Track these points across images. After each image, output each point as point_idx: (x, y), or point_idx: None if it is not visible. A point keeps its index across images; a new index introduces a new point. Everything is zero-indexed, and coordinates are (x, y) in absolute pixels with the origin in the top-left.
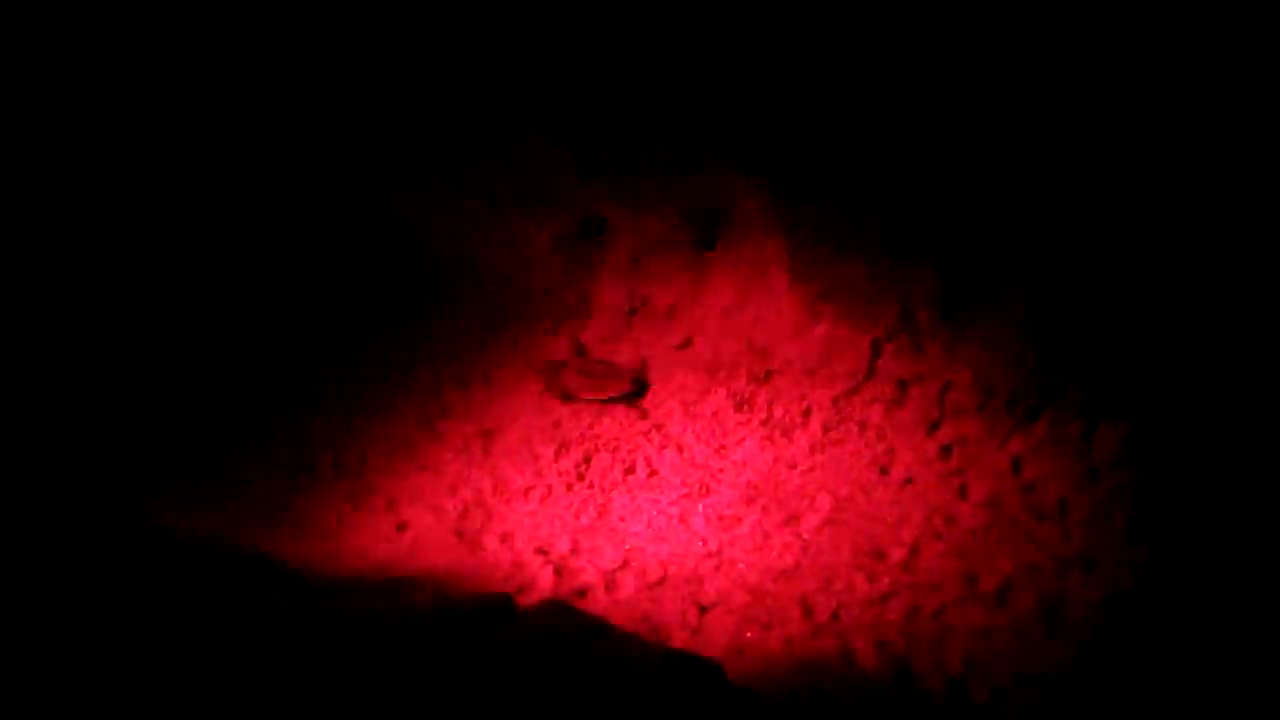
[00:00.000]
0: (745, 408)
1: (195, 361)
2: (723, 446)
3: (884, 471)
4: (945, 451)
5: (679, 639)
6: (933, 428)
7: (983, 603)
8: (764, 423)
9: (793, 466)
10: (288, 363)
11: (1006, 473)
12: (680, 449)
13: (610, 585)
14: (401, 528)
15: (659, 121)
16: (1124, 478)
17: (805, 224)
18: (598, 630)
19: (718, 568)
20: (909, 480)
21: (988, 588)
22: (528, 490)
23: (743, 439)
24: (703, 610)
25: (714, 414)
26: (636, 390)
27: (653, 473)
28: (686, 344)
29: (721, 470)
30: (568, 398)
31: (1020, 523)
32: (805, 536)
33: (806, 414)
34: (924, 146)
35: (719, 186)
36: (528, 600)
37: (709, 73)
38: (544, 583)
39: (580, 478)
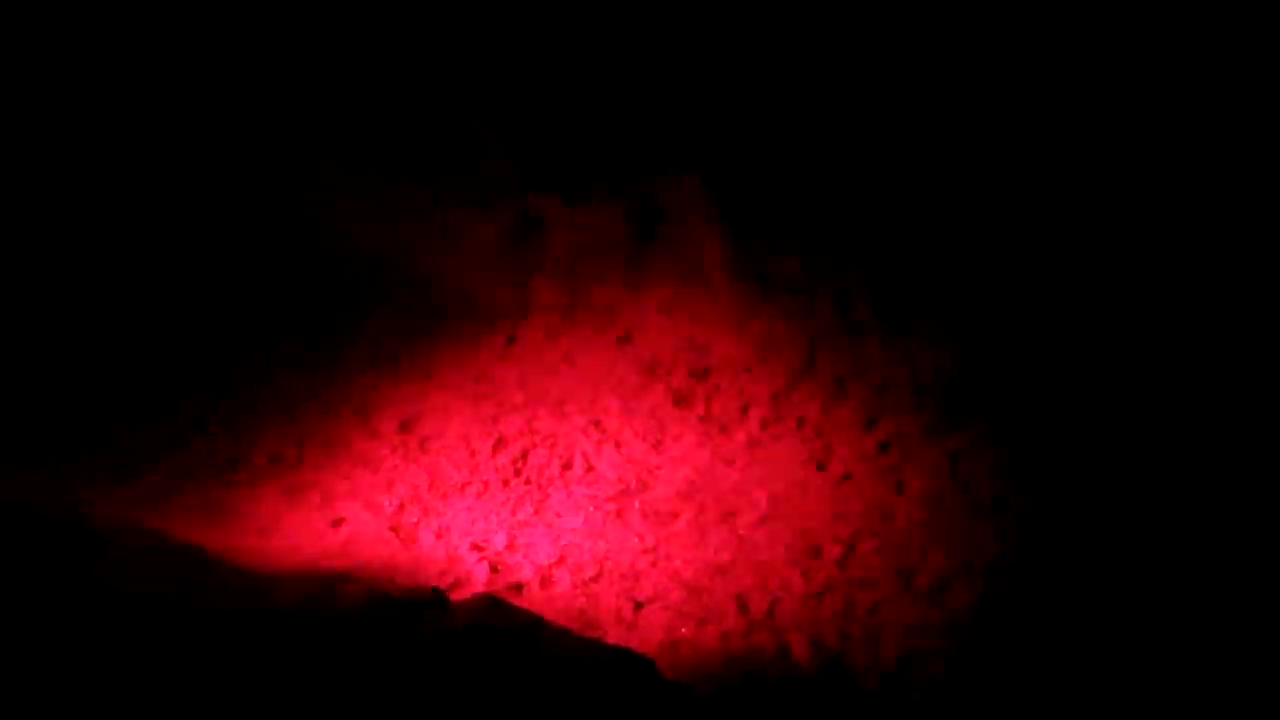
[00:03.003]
0: (684, 404)
1: (128, 358)
2: (660, 443)
3: (821, 467)
4: (883, 448)
5: (614, 634)
6: (870, 424)
7: (918, 599)
8: (702, 419)
9: (731, 463)
10: (224, 358)
11: (943, 469)
12: (618, 445)
13: (546, 581)
14: (337, 523)
15: (598, 120)
16: (1060, 474)
17: (743, 222)
18: (529, 625)
19: (654, 564)
20: (846, 476)
21: (923, 584)
22: (464, 486)
23: (681, 435)
24: (638, 606)
25: (652, 409)
26: None
27: (590, 469)
28: (625, 340)
29: (659, 466)
30: None
31: (957, 519)
32: (742, 533)
33: (745, 410)
34: (860, 145)
35: (657, 184)
36: (462, 596)
37: (648, 71)
38: (479, 578)
39: (517, 473)
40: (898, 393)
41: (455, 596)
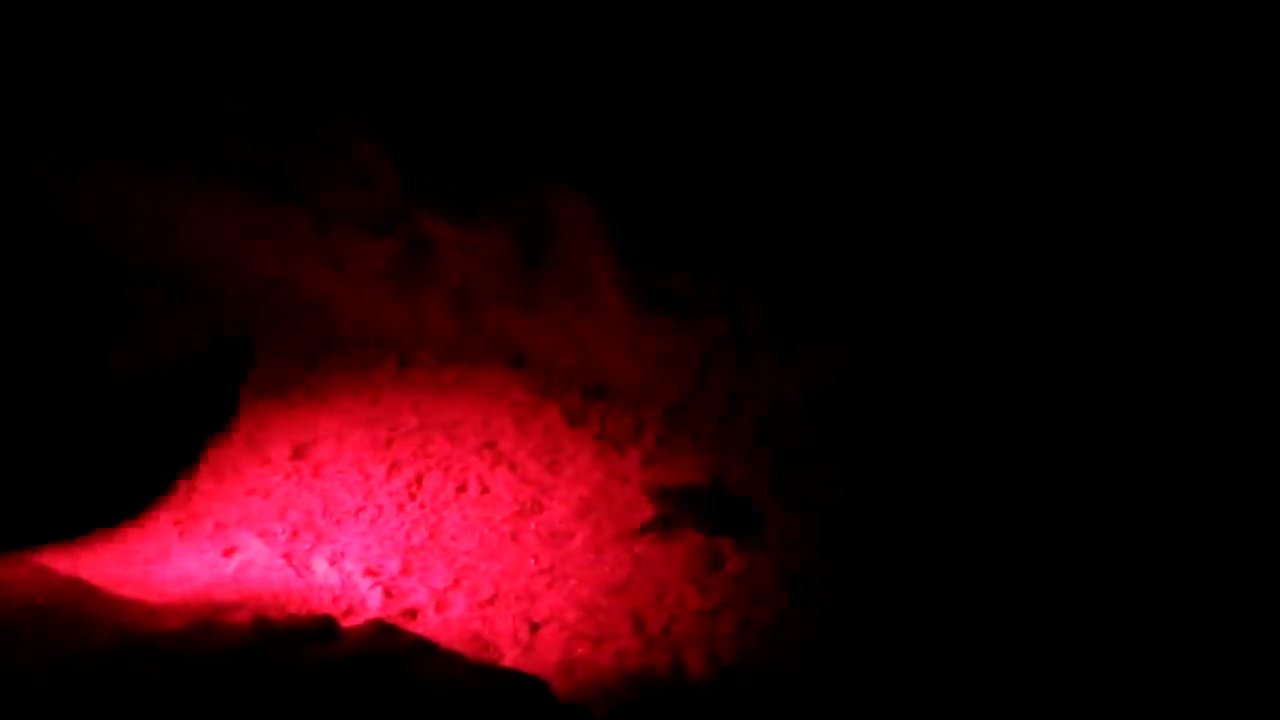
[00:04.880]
0: (578, 424)
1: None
2: (555, 463)
3: (717, 484)
4: (777, 463)
5: (510, 657)
6: (764, 440)
7: (814, 612)
8: (597, 438)
9: (626, 481)
10: (108, 385)
11: (837, 483)
12: (513, 466)
13: (441, 605)
14: (228, 552)
15: (486, 139)
16: (959, 487)
17: (632, 241)
18: (421, 649)
19: (550, 584)
20: (742, 492)
21: (818, 598)
22: (358, 511)
23: (575, 455)
24: (534, 627)
25: (546, 430)
26: None
27: (485, 490)
28: (518, 361)
29: (554, 487)
30: None
31: (852, 532)
32: (638, 551)
33: (639, 428)
34: (745, 159)
35: (547, 204)
36: (355, 623)
37: (535, 90)
38: (373, 604)
39: (412, 497)
40: (790, 408)
41: (348, 623)
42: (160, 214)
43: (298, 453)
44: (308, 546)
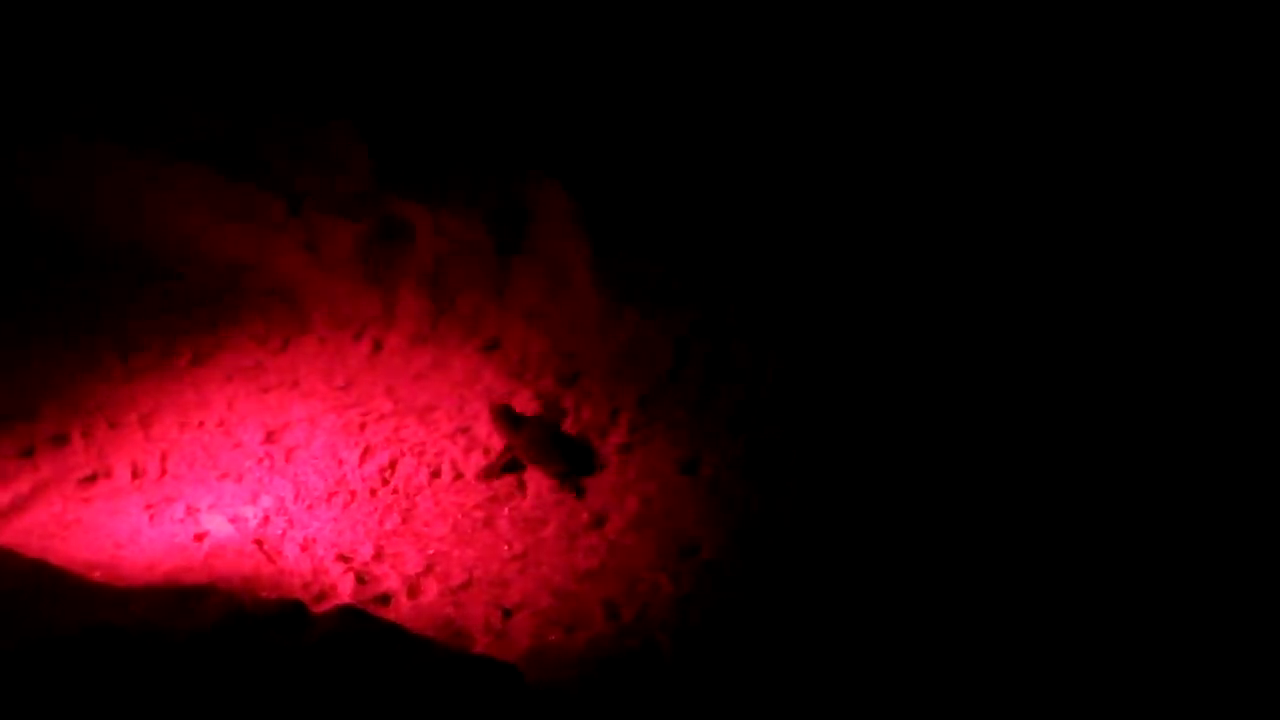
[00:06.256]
0: (553, 410)
1: None
2: None
3: (691, 470)
4: (750, 450)
5: (482, 643)
6: (739, 426)
7: (788, 600)
8: (572, 424)
9: (601, 467)
10: (80, 371)
11: (811, 471)
12: (487, 451)
13: (413, 591)
14: (199, 536)
15: (462, 124)
16: (937, 478)
17: (607, 227)
18: (391, 635)
19: (523, 571)
20: (715, 479)
21: (792, 585)
22: (331, 496)
23: None
24: (506, 614)
25: None
26: None
27: (458, 476)
28: (493, 346)
29: (528, 472)
30: None
31: (823, 521)
32: (611, 537)
33: (614, 415)
34: (720, 148)
35: (522, 188)
36: (327, 608)
37: (512, 75)
38: (345, 589)
39: (385, 482)
40: (765, 395)
41: (319, 609)
42: (129, 195)
43: (270, 437)
44: (279, 531)
